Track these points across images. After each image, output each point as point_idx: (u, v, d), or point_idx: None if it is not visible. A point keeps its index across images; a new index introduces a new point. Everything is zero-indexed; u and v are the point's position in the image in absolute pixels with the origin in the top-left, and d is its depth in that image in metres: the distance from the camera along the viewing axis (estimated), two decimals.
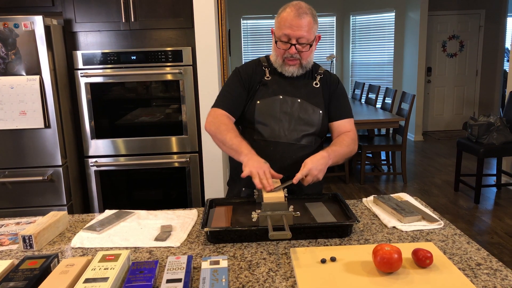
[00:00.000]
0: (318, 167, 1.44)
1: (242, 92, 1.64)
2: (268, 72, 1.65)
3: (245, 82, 1.64)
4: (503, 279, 1.05)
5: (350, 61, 7.33)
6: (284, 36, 1.53)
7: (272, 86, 1.63)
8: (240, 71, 1.67)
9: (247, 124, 1.64)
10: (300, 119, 1.61)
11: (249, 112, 1.62)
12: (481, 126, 3.91)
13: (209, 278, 1.02)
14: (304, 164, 1.44)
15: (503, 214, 3.75)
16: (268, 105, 1.61)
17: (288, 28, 1.51)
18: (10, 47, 2.46)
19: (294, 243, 1.27)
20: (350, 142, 1.64)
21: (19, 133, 2.56)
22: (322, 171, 1.45)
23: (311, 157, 1.47)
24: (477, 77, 7.10)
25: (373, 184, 4.72)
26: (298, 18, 1.50)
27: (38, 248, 1.30)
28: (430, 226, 1.36)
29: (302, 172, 1.42)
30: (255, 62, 1.70)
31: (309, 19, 1.51)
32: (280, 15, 1.55)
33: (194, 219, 1.49)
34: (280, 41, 1.55)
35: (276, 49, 1.58)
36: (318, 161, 1.45)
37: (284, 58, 1.58)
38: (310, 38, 1.54)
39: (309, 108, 1.62)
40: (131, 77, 2.76)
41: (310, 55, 1.59)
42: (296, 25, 1.50)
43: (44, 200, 2.65)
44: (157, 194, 2.95)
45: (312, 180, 1.44)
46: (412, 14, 6.49)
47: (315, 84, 1.66)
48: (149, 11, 2.70)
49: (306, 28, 1.51)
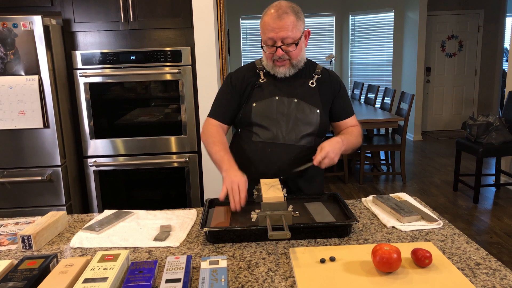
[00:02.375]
0: (334, 150, 1.46)
1: (232, 98, 1.64)
2: (263, 74, 1.64)
3: (235, 87, 1.65)
4: (502, 278, 1.05)
5: (349, 61, 7.33)
6: (269, 40, 1.52)
7: (268, 88, 1.62)
8: (231, 77, 1.68)
9: (245, 126, 1.64)
10: (297, 120, 1.60)
11: (246, 115, 1.61)
12: (480, 126, 3.92)
13: (208, 278, 1.02)
14: (321, 147, 1.46)
15: (502, 214, 3.75)
16: (265, 106, 1.60)
17: (270, 31, 1.50)
18: (9, 47, 2.46)
19: (293, 243, 1.27)
20: (358, 134, 1.67)
21: (18, 133, 2.56)
22: (337, 155, 1.48)
23: (327, 141, 1.49)
24: (476, 77, 7.11)
25: (372, 184, 4.72)
26: (279, 19, 1.48)
27: (37, 248, 1.30)
28: (429, 226, 1.36)
29: (322, 154, 1.44)
30: (249, 65, 1.71)
31: (291, 18, 1.49)
32: (262, 19, 1.54)
33: (193, 219, 1.49)
34: (266, 45, 1.54)
35: (265, 54, 1.58)
36: (334, 145, 1.47)
37: (273, 60, 1.57)
38: (295, 37, 1.51)
39: (306, 108, 1.61)
40: (130, 77, 2.75)
41: (299, 53, 1.57)
42: (278, 26, 1.48)
43: (43, 200, 2.65)
44: (156, 194, 2.95)
45: (328, 164, 1.46)
46: (411, 14, 6.49)
47: (311, 84, 1.64)
48: (148, 11, 2.70)
49: (289, 28, 1.49)
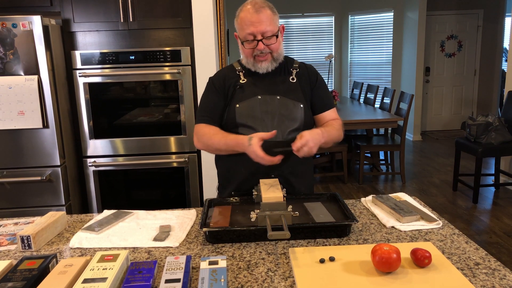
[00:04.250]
0: (314, 140, 1.44)
1: (218, 100, 1.64)
2: (243, 75, 1.65)
3: (218, 89, 1.65)
4: (502, 278, 1.05)
5: (349, 61, 7.33)
6: (249, 35, 1.53)
7: (249, 88, 1.63)
8: (213, 80, 1.69)
9: (230, 128, 1.63)
10: (282, 116, 1.60)
11: (230, 117, 1.62)
12: (480, 125, 3.92)
13: (207, 278, 1.02)
14: (301, 135, 1.45)
15: (501, 214, 3.75)
16: (248, 107, 1.60)
17: (250, 26, 1.51)
18: (8, 47, 2.45)
19: (293, 243, 1.27)
20: (339, 127, 1.66)
21: (17, 133, 2.55)
22: (316, 145, 1.46)
23: (308, 130, 1.49)
24: (475, 77, 7.11)
25: (371, 184, 4.73)
26: (257, 14, 1.51)
27: (37, 248, 1.30)
28: (429, 226, 1.36)
29: (301, 141, 1.43)
30: (228, 67, 1.71)
31: (268, 12, 1.52)
32: (238, 17, 1.56)
33: (193, 219, 1.49)
34: (246, 41, 1.55)
35: (245, 50, 1.59)
36: (314, 135, 1.46)
37: (254, 56, 1.58)
38: (274, 30, 1.54)
39: (290, 103, 1.61)
40: (129, 77, 2.75)
41: (279, 46, 1.59)
42: (257, 20, 1.51)
43: (43, 200, 2.65)
44: (155, 194, 2.95)
45: (307, 152, 1.44)
46: (410, 14, 6.50)
47: (292, 79, 1.65)
48: (148, 11, 2.70)
49: (268, 22, 1.52)
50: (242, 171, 1.61)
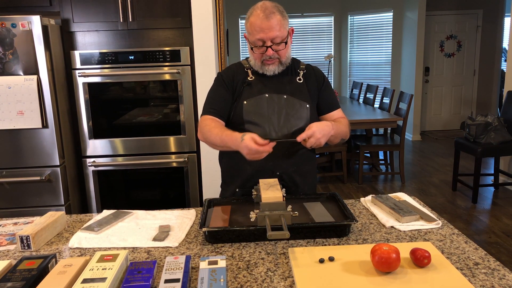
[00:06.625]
0: (322, 131, 1.44)
1: (226, 94, 1.64)
2: (251, 72, 1.66)
3: (228, 84, 1.65)
4: (501, 278, 1.05)
5: (348, 61, 7.33)
6: (258, 40, 1.53)
7: (257, 86, 1.63)
8: (222, 75, 1.69)
9: (237, 125, 1.64)
10: (288, 115, 1.61)
11: (237, 113, 1.62)
12: (479, 125, 3.92)
13: (207, 278, 1.02)
14: (309, 126, 1.45)
15: (500, 214, 3.75)
16: (255, 104, 1.61)
17: (260, 32, 1.51)
18: (7, 46, 2.45)
19: (292, 243, 1.27)
20: (347, 124, 1.69)
21: (16, 133, 2.55)
22: (325, 136, 1.46)
23: (316, 122, 1.49)
24: (474, 76, 7.12)
25: (371, 183, 4.73)
26: (267, 20, 1.50)
27: (36, 248, 1.30)
28: (428, 226, 1.36)
29: (307, 133, 1.42)
30: (236, 64, 1.71)
31: (278, 17, 1.52)
32: (248, 20, 1.55)
33: (192, 219, 1.49)
34: (256, 47, 1.56)
35: (254, 54, 1.59)
36: (323, 127, 1.46)
37: (262, 60, 1.59)
38: (283, 36, 1.54)
39: (296, 103, 1.62)
40: (129, 77, 2.75)
41: (287, 51, 1.60)
42: (267, 27, 1.50)
43: (42, 200, 2.65)
44: (155, 194, 2.95)
45: (314, 143, 1.44)
46: (410, 14, 6.50)
47: (299, 80, 1.67)
48: (147, 10, 2.70)
49: (277, 28, 1.51)
50: (247, 168, 1.61)
